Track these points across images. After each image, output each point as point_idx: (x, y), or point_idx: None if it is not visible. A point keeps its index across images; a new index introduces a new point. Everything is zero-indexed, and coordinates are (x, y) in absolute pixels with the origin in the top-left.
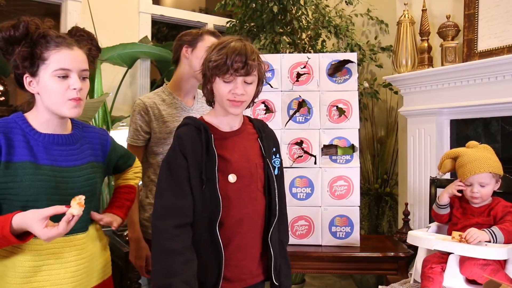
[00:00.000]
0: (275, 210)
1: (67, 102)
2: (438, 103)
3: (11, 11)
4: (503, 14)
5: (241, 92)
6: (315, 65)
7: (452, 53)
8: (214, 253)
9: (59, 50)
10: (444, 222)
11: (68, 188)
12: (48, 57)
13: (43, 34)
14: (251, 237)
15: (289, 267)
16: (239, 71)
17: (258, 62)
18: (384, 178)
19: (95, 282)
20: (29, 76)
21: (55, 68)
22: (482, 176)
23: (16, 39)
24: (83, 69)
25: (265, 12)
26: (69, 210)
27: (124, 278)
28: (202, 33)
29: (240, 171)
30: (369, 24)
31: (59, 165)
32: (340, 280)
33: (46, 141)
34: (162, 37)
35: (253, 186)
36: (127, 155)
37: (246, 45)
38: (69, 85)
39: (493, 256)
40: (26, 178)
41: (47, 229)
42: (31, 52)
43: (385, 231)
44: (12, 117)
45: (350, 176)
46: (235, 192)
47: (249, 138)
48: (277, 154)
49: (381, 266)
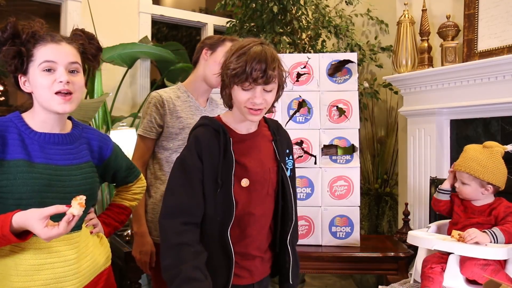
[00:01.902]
0: (291, 214)
1: (54, 96)
2: (438, 103)
3: (11, 11)
4: (503, 14)
5: (259, 101)
6: (315, 65)
7: (452, 53)
8: (224, 255)
9: (45, 45)
10: (442, 211)
11: (66, 186)
12: (35, 54)
13: (32, 34)
14: (258, 240)
15: (298, 266)
16: (258, 80)
17: (278, 71)
18: (384, 178)
19: (97, 271)
20: (23, 76)
21: (40, 62)
22: (461, 174)
23: (5, 39)
24: (71, 61)
25: (265, 12)
26: (70, 210)
27: (124, 278)
28: (224, 39)
29: (253, 176)
30: (369, 24)
31: (55, 164)
32: (340, 280)
33: (41, 139)
34: (162, 37)
35: (264, 191)
36: (131, 170)
37: (266, 52)
38: (55, 79)
39: (493, 256)
40: (19, 176)
41: (48, 228)
42: (19, 51)
43: (385, 231)
44: (9, 116)
45: (350, 176)
46: (245, 195)
47: (264, 141)
48: (290, 156)
49: (381, 266)
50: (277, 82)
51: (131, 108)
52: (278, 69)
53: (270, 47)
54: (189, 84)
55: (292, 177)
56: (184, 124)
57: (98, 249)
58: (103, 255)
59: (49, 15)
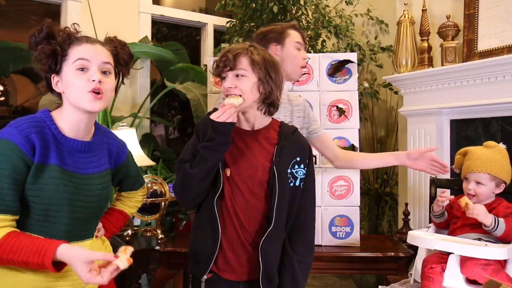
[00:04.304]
0: (271, 220)
1: (86, 94)
2: (438, 103)
3: (11, 11)
4: (503, 14)
5: (228, 84)
6: (315, 65)
7: (452, 53)
8: (212, 226)
9: (79, 44)
10: (444, 227)
11: (89, 195)
12: (70, 53)
13: (68, 34)
14: (243, 238)
15: (297, 285)
16: (222, 66)
17: (248, 57)
18: (384, 178)
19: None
20: (55, 76)
21: (74, 59)
22: (479, 175)
23: (41, 39)
24: (104, 61)
25: (265, 12)
26: (116, 261)
27: (124, 278)
28: (284, 28)
29: (234, 169)
30: (369, 24)
31: (79, 173)
32: (340, 280)
33: (70, 146)
34: (162, 37)
35: (249, 187)
36: (137, 178)
37: (238, 44)
38: (88, 78)
39: (493, 256)
40: (51, 182)
41: (91, 274)
42: (54, 50)
43: (385, 231)
44: (41, 116)
45: (350, 176)
46: (230, 187)
47: (263, 142)
48: (301, 165)
49: (381, 266)
50: (252, 71)
51: (131, 108)
52: (249, 58)
53: (247, 44)
54: None
55: (305, 188)
56: None
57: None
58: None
59: (49, 15)
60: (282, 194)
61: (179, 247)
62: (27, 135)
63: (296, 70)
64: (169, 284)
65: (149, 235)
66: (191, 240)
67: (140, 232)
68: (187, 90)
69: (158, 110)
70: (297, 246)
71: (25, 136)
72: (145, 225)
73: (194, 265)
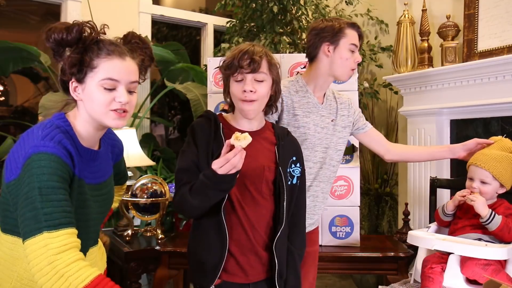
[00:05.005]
0: (282, 219)
1: (109, 112)
2: (438, 103)
3: (11, 11)
4: (503, 14)
5: (249, 88)
6: None
7: (452, 53)
8: (219, 233)
9: (110, 59)
10: (446, 226)
11: (101, 206)
12: (98, 65)
13: (96, 40)
14: (253, 238)
15: (298, 278)
16: (245, 67)
17: (267, 60)
18: (384, 178)
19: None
20: (75, 82)
21: (103, 78)
22: (483, 172)
23: (68, 42)
24: (132, 81)
25: (265, 12)
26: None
27: (124, 278)
28: (342, 27)
29: (244, 167)
30: (369, 24)
31: (94, 183)
32: (340, 280)
33: (88, 156)
34: (162, 37)
35: (257, 187)
36: (124, 173)
37: (254, 46)
38: (114, 97)
39: (493, 256)
40: (78, 197)
41: None
42: (81, 59)
43: (385, 231)
44: (59, 122)
45: (350, 176)
46: (237, 188)
47: (265, 142)
48: (297, 164)
49: (381, 266)
50: (269, 75)
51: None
52: (267, 59)
53: (261, 46)
54: (309, 79)
55: (300, 186)
56: (300, 123)
57: (99, 254)
58: (103, 260)
59: (49, 15)
60: (289, 192)
61: (179, 247)
62: (64, 146)
63: (346, 72)
64: (169, 284)
65: (149, 235)
66: (192, 248)
67: (140, 232)
68: (187, 90)
69: (158, 110)
70: (294, 240)
71: (63, 147)
72: (145, 225)
73: (198, 275)
